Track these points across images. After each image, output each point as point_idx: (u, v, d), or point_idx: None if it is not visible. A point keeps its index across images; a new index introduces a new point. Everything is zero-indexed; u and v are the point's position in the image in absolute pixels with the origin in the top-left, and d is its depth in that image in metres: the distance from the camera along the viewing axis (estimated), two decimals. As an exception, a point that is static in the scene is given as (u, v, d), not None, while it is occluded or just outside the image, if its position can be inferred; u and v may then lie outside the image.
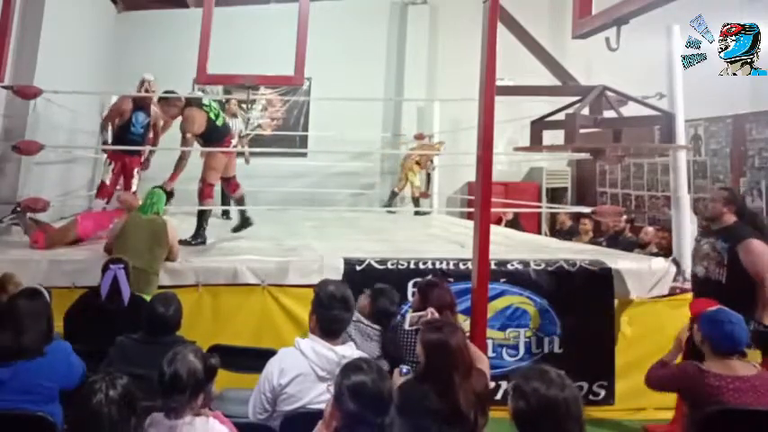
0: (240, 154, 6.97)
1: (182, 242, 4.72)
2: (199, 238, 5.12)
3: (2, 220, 4.71)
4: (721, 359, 2.56)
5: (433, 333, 2.45)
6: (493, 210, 3.67)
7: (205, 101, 5.44)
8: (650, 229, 6.97)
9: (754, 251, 3.46)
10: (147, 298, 3.79)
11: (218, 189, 5.86)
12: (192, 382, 2.05)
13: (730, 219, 3.66)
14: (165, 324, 2.79)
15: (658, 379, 2.81)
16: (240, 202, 5.77)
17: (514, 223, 8.24)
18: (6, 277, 3.33)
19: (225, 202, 6.85)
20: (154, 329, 2.78)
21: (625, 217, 7.23)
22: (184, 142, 5.28)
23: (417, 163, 8.67)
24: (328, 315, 2.59)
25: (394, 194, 8.83)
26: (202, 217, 5.22)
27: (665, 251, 5.88)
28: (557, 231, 8.35)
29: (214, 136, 5.38)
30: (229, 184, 5.78)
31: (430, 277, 3.83)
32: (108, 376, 1.91)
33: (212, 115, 5.35)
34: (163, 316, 2.77)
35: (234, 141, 5.87)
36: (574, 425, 1.77)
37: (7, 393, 2.43)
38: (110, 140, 6.00)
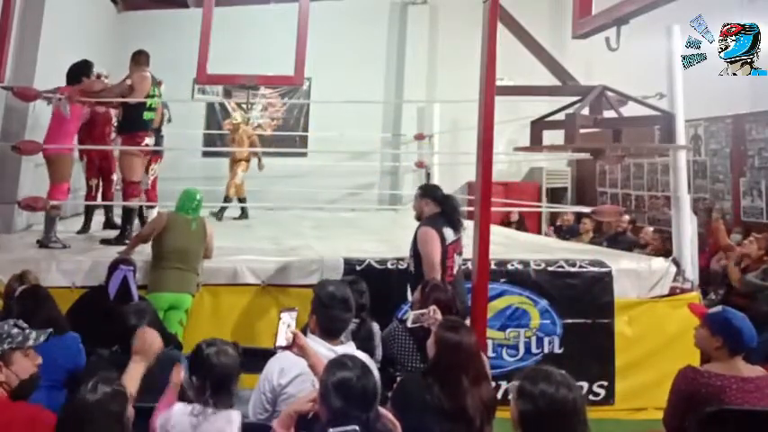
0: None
1: (103, 241, 4.77)
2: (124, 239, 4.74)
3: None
4: (730, 359, 2.52)
5: (450, 332, 2.43)
6: (498, 209, 3.67)
7: (156, 90, 5.04)
8: (650, 229, 6.98)
9: (420, 238, 3.60)
10: (190, 298, 3.86)
11: None
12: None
13: (431, 210, 3.76)
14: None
15: (668, 408, 2.63)
16: (129, 214, 5.04)
17: (520, 224, 8.21)
18: (25, 273, 3.46)
19: None
20: (126, 343, 2.60)
21: (627, 217, 7.23)
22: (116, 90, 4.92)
23: (239, 160, 7.33)
24: (329, 315, 2.60)
25: (226, 200, 7.28)
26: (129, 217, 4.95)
27: (658, 251, 5.90)
28: (558, 227, 8.32)
29: (129, 125, 5.01)
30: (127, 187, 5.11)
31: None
32: (101, 378, 1.89)
33: (148, 103, 4.99)
34: (135, 329, 2.59)
35: (149, 141, 5.28)
36: (581, 425, 1.74)
37: None
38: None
